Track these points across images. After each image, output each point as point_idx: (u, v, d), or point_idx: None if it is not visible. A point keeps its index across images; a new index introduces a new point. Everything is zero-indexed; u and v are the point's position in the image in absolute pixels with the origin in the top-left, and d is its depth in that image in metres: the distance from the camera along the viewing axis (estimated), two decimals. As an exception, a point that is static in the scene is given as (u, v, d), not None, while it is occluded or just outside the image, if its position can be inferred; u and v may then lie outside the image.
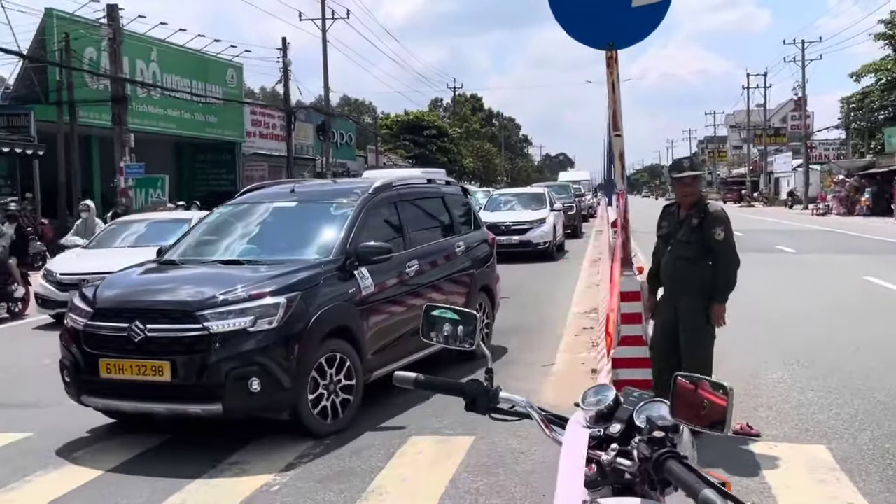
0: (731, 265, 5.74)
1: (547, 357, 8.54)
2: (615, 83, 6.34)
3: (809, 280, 15.18)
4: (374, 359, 6.68)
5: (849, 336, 9.41)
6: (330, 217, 7.13)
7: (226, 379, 5.56)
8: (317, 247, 6.83)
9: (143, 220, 13.87)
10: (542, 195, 22.25)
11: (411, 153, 57.68)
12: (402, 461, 5.53)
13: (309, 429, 5.92)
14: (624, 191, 6.80)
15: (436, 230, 8.41)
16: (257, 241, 7.23)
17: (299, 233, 7.23)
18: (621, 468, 1.85)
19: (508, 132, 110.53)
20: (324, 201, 7.55)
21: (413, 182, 8.76)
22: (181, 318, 5.70)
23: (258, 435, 6.01)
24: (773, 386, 7.19)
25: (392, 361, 6.89)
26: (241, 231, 7.44)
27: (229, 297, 5.75)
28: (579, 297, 12.98)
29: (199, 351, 5.61)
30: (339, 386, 6.13)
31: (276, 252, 6.84)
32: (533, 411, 2.13)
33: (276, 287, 5.91)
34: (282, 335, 5.76)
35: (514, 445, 5.69)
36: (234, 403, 5.63)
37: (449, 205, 8.83)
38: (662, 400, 1.93)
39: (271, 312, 5.74)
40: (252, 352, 5.65)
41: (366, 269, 6.65)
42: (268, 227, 7.38)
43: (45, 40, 26.28)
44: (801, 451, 5.54)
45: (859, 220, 38.46)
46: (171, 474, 5.28)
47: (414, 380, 2.29)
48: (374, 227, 7.19)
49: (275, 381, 5.68)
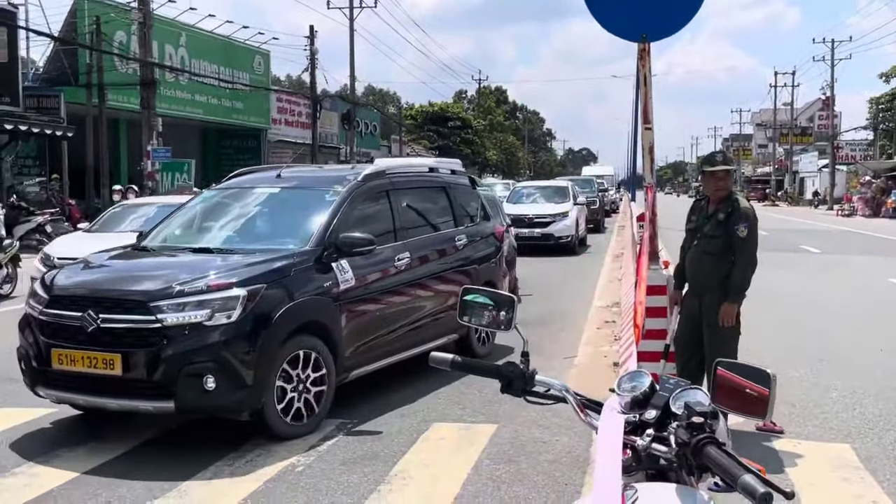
0: (747, 265, 5.64)
1: (569, 349, 8.55)
2: (647, 76, 6.31)
3: (834, 280, 15.04)
4: (353, 357, 6.27)
5: (873, 337, 9.34)
6: (313, 205, 6.71)
7: (178, 375, 5.22)
8: (294, 236, 6.40)
9: (151, 204, 13.11)
10: (566, 189, 22.15)
11: (435, 144, 57.67)
12: (425, 447, 5.56)
13: (273, 430, 5.56)
14: (653, 184, 6.76)
15: (434, 222, 7.87)
16: (235, 228, 6.91)
17: (279, 220, 6.92)
18: (657, 454, 1.86)
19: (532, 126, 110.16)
20: (309, 188, 7.20)
21: (410, 170, 8.18)
22: (134, 309, 5.36)
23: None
24: (797, 384, 7.15)
25: (374, 360, 6.57)
26: (221, 217, 7.14)
27: (186, 289, 5.40)
28: (601, 291, 12.95)
29: (152, 344, 5.27)
30: (310, 385, 5.76)
31: (253, 240, 6.54)
32: (569, 395, 2.14)
33: (238, 278, 5.53)
34: (242, 330, 5.37)
35: (536, 435, 5.70)
36: (186, 402, 5.28)
37: (451, 195, 8.27)
38: (699, 387, 1.93)
39: (230, 305, 5.37)
40: (208, 347, 5.28)
41: (346, 262, 6.23)
42: (248, 213, 7.05)
43: (76, 23, 26.51)
44: (826, 449, 5.51)
45: (885, 222, 37.99)
46: (193, 456, 5.33)
47: (451, 361, 2.30)
48: (362, 216, 6.75)
49: (233, 379, 5.31)
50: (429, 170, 8.51)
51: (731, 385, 1.84)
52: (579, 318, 10.56)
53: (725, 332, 5.65)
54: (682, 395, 1.90)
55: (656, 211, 6.76)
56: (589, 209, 25.17)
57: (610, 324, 9.77)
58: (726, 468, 1.65)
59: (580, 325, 9.97)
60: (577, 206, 21.06)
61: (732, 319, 5.65)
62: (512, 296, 2.39)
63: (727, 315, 5.62)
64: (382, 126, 53.79)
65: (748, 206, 5.82)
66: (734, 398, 1.84)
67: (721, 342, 5.59)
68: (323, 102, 40.58)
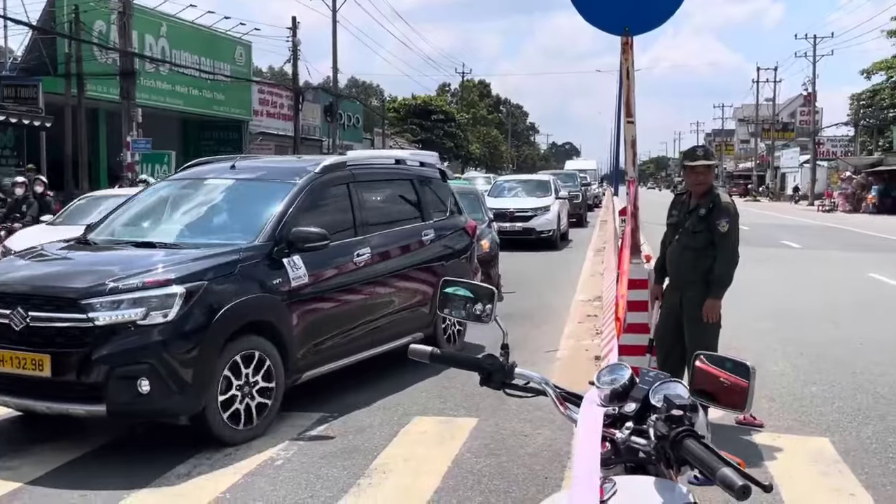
0: (729, 261, 5.65)
1: (551, 343, 8.56)
2: (630, 69, 6.32)
3: (814, 275, 15.16)
4: (306, 357, 6.04)
5: (853, 331, 9.42)
6: (267, 197, 6.46)
7: (109, 378, 4.98)
8: (244, 230, 6.13)
9: (116, 196, 12.36)
10: (548, 183, 22.15)
11: (418, 137, 57.57)
12: (406, 440, 5.55)
13: (216, 435, 5.30)
14: (635, 178, 6.78)
15: (399, 216, 7.65)
16: (184, 221, 6.61)
17: (230, 213, 6.64)
18: (636, 446, 1.86)
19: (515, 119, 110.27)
20: (264, 180, 6.93)
21: (374, 162, 8.02)
22: (65, 307, 5.09)
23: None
24: (776, 378, 7.20)
25: (330, 360, 6.36)
26: (170, 210, 6.89)
27: (120, 285, 5.13)
28: (583, 285, 12.99)
29: (83, 345, 5.02)
30: (257, 388, 5.53)
31: (201, 234, 6.24)
32: (548, 388, 2.14)
33: (177, 275, 5.27)
34: (179, 329, 5.11)
35: (517, 428, 5.70)
36: (119, 405, 5.03)
37: (419, 188, 8.03)
38: (679, 380, 1.94)
39: (167, 303, 5.11)
40: (142, 348, 5.03)
41: (299, 258, 5.98)
42: (199, 206, 6.77)
43: (54, 12, 26.20)
44: (805, 443, 5.56)
45: (865, 218, 38.36)
46: (172, 450, 5.29)
47: (430, 354, 2.30)
48: (318, 210, 6.49)
49: (169, 382, 5.06)
50: (395, 162, 8.30)
51: (711, 377, 1.84)
52: (562, 312, 10.58)
53: (706, 326, 5.66)
54: (661, 387, 1.91)
55: (638, 205, 6.78)
56: (572, 203, 25.21)
57: (592, 318, 9.80)
58: (705, 461, 1.65)
59: (562, 319, 10.00)
60: (559, 200, 21.08)
61: (717, 315, 5.66)
62: (492, 288, 2.38)
63: (711, 310, 5.63)
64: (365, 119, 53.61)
65: (729, 202, 5.81)
66: (713, 391, 1.84)
67: (702, 336, 5.58)
68: (305, 94, 40.37)
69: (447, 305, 2.43)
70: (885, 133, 53.15)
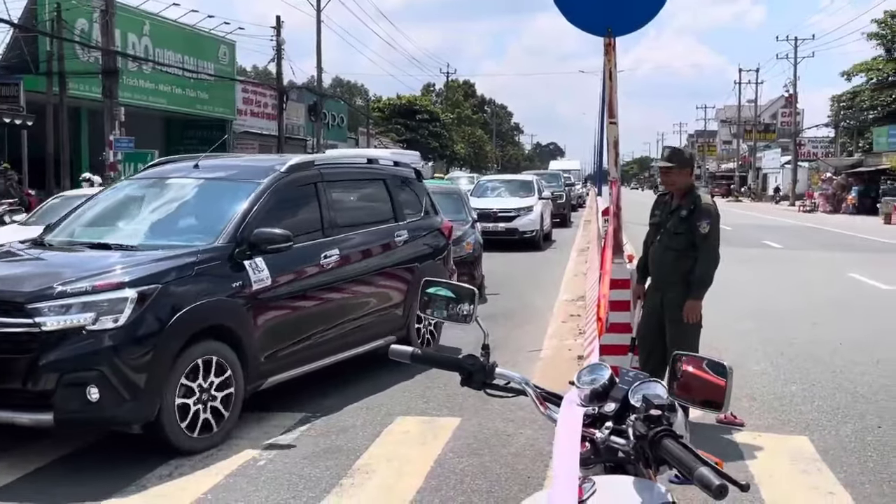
0: (710, 262, 5.68)
1: (534, 343, 8.58)
2: (612, 70, 6.35)
3: (795, 275, 15.27)
4: (269, 363, 5.88)
5: (833, 331, 9.49)
6: (230, 197, 6.29)
7: (57, 385, 4.80)
8: (205, 231, 5.96)
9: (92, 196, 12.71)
10: (531, 183, 22.17)
11: (402, 137, 57.54)
12: (389, 440, 5.55)
13: (172, 444, 5.14)
14: (617, 179, 6.81)
15: (370, 216, 7.51)
16: (143, 222, 6.44)
17: (191, 214, 6.46)
18: (615, 446, 1.87)
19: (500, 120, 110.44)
20: (228, 179, 6.75)
21: (344, 161, 7.84)
22: (10, 312, 4.90)
23: (244, 412, 5.98)
24: (757, 377, 7.25)
25: (295, 365, 6.20)
26: (130, 211, 6.73)
27: (69, 289, 4.95)
28: (567, 285, 13.02)
29: (29, 350, 4.84)
30: (216, 393, 5.38)
31: (160, 236, 6.08)
32: (528, 388, 2.14)
33: (130, 278, 5.09)
34: (131, 335, 4.93)
35: (500, 428, 5.71)
36: (67, 414, 4.84)
37: (392, 188, 7.86)
38: (658, 380, 1.95)
39: (118, 308, 4.93)
40: (91, 354, 4.85)
41: (262, 260, 5.81)
42: (160, 206, 6.58)
43: (36, 10, 25.99)
44: (784, 441, 5.60)
45: (845, 218, 38.72)
46: (154, 451, 5.23)
47: (411, 354, 2.30)
48: (284, 211, 6.34)
49: (121, 389, 4.89)
50: (367, 161, 8.14)
51: (689, 377, 1.85)
52: (545, 312, 10.60)
53: (687, 327, 5.68)
54: (640, 387, 1.92)
55: (621, 205, 6.81)
56: (555, 203, 25.27)
57: (575, 317, 9.83)
58: (683, 461, 1.66)
59: (546, 319, 10.01)
60: (543, 200, 21.09)
61: (697, 316, 5.68)
62: (473, 288, 2.39)
63: (691, 311, 5.65)
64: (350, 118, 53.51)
65: (710, 203, 5.83)
66: (692, 390, 1.85)
67: (682, 336, 5.61)
68: (289, 94, 40.26)
69: (429, 306, 2.44)
70: (864, 134, 53.61)
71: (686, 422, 1.95)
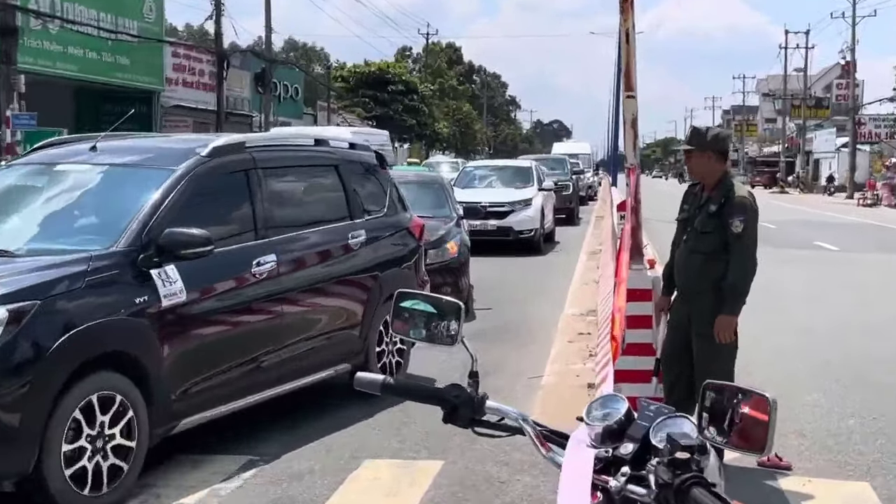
0: (744, 268, 5.67)
1: (533, 369, 8.59)
2: (630, 32, 6.38)
3: (854, 283, 15.37)
4: (183, 399, 5.73)
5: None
6: (134, 189, 6.15)
7: None
8: (101, 232, 5.80)
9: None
10: (529, 170, 22.17)
11: (371, 113, 57.56)
12: (354, 488, 5.55)
13: (54, 501, 4.92)
14: (636, 165, 6.84)
15: (318, 213, 7.43)
16: (23, 220, 6.25)
17: (84, 210, 6.30)
18: (633, 496, 1.88)
19: (492, 92, 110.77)
20: (133, 166, 6.55)
21: (283, 144, 7.77)
22: None
23: (175, 453, 5.97)
24: (807, 410, 7.29)
25: (219, 402, 6.05)
26: (9, 206, 6.50)
27: None
28: (574, 296, 13.05)
29: None
30: (112, 441, 5.17)
31: (43, 238, 5.92)
32: (526, 425, 2.14)
33: (1, 292, 4.94)
34: (3, 364, 4.78)
35: (492, 472, 5.72)
36: None
37: (346, 177, 7.69)
38: (685, 415, 1.95)
39: None
40: None
41: (174, 268, 5.65)
42: (45, 200, 6.40)
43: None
44: (841, 488, 5.65)
45: (914, 214, 39.06)
46: None
47: (381, 384, 2.30)
48: (205, 206, 6.21)
49: None
50: (314, 143, 8.06)
51: (723, 413, 1.86)
52: (548, 329, 10.63)
53: (719, 347, 5.67)
54: (664, 424, 1.92)
55: (640, 198, 6.84)
56: (560, 196, 25.34)
57: (584, 336, 9.86)
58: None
59: (548, 339, 10.04)
60: (544, 192, 21.10)
61: (731, 335, 5.67)
62: (458, 302, 2.39)
63: (724, 329, 5.63)
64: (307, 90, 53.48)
65: (745, 196, 5.82)
66: (727, 428, 1.86)
67: (713, 358, 5.61)
68: (231, 59, 40.17)
69: (407, 323, 2.42)
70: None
71: (720, 466, 1.96)
